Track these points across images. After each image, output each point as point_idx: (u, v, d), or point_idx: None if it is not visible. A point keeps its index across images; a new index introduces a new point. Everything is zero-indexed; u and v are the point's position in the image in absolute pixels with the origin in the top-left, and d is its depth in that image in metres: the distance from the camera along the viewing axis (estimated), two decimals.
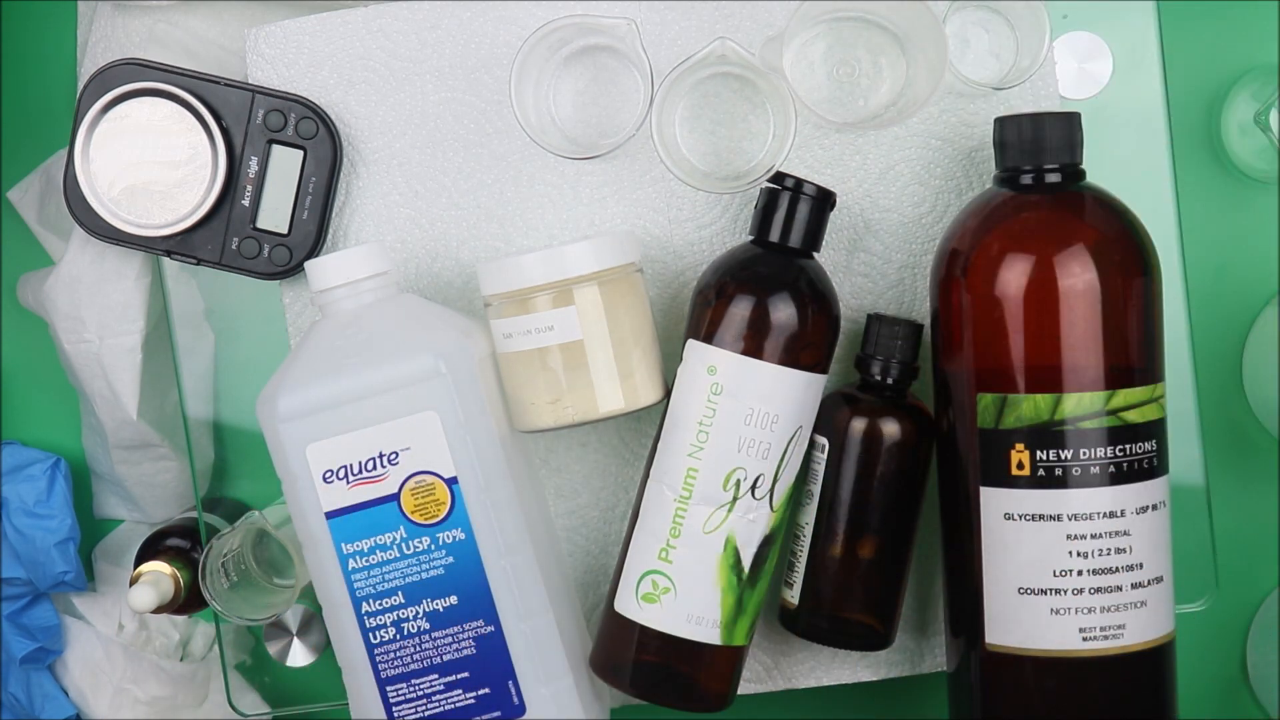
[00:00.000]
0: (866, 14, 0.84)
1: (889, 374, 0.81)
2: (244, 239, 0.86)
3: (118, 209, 0.85)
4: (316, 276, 0.80)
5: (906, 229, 0.86)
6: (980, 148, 0.85)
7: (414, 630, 0.78)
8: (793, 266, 0.79)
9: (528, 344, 0.78)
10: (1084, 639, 0.75)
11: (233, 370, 0.91)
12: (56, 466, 0.98)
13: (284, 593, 0.87)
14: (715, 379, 0.77)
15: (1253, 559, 0.97)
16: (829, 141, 0.86)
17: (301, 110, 0.86)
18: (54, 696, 0.99)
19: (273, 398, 0.77)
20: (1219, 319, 0.96)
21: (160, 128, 0.85)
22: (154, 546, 0.93)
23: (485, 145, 0.87)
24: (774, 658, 0.88)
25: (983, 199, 0.79)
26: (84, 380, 0.93)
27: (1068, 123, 0.78)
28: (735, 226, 0.86)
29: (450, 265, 0.88)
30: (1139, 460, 0.75)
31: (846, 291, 0.86)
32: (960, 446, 0.78)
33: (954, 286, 0.78)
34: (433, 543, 0.78)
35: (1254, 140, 0.94)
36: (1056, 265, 0.75)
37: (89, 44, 0.92)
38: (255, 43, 0.88)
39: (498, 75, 0.87)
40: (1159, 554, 0.76)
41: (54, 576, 0.96)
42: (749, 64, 0.80)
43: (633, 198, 0.87)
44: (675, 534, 0.78)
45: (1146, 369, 0.76)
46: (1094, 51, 0.86)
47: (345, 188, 0.88)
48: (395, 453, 0.77)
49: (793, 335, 0.77)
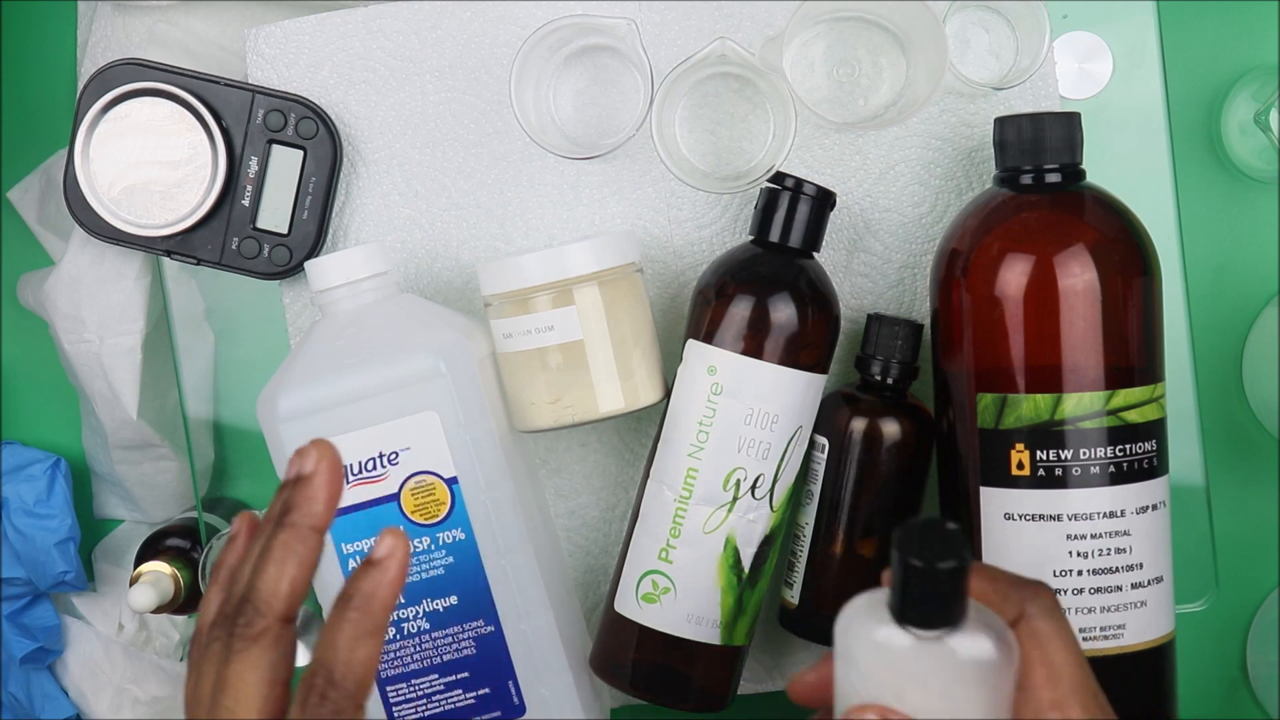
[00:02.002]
0: (866, 14, 0.84)
1: (889, 374, 0.81)
2: (244, 239, 0.86)
3: (118, 209, 0.85)
4: (316, 276, 0.80)
5: (906, 229, 0.86)
6: (980, 148, 0.85)
7: (414, 630, 0.78)
8: (793, 266, 0.79)
9: (528, 344, 0.78)
10: (1084, 639, 0.75)
11: (233, 370, 0.91)
12: (56, 466, 0.98)
13: None
14: (715, 379, 0.77)
15: (1253, 559, 0.97)
16: (829, 141, 0.86)
17: (301, 110, 0.86)
18: (54, 696, 0.99)
19: (273, 398, 0.77)
20: (1219, 319, 0.96)
21: (160, 128, 0.85)
22: (154, 546, 0.93)
23: (485, 145, 0.87)
24: (774, 658, 0.88)
25: (983, 199, 0.79)
26: (84, 380, 0.93)
27: (1068, 123, 0.78)
28: (735, 226, 0.86)
29: (450, 265, 0.88)
30: (1139, 460, 0.75)
31: (846, 291, 0.86)
32: (960, 446, 0.78)
33: (954, 286, 0.78)
34: (433, 543, 0.78)
35: (1254, 140, 0.94)
36: (1056, 265, 0.75)
37: (89, 44, 0.92)
38: (255, 43, 0.88)
39: (498, 75, 0.87)
40: (1159, 554, 0.76)
41: (54, 576, 0.96)
42: (749, 64, 0.80)
43: (633, 198, 0.87)
44: (675, 534, 0.78)
45: (1146, 369, 0.76)
46: (1094, 51, 0.86)
47: (345, 188, 0.88)
48: (395, 453, 0.77)
49: (793, 335, 0.77)
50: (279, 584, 0.59)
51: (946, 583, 0.57)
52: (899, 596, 0.58)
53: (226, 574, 0.62)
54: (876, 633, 0.59)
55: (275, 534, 0.60)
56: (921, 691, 0.59)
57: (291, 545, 0.59)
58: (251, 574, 0.59)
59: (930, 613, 0.58)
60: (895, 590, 0.58)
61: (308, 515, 0.60)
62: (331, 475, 0.60)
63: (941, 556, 0.56)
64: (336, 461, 0.61)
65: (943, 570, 0.56)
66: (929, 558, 0.56)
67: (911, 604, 0.58)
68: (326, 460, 0.60)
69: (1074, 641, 0.64)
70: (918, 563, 0.56)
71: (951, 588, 0.57)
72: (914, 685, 0.59)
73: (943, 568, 0.56)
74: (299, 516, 0.60)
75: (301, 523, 0.60)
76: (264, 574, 0.59)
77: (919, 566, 0.56)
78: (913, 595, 0.57)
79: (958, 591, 0.57)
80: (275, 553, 0.59)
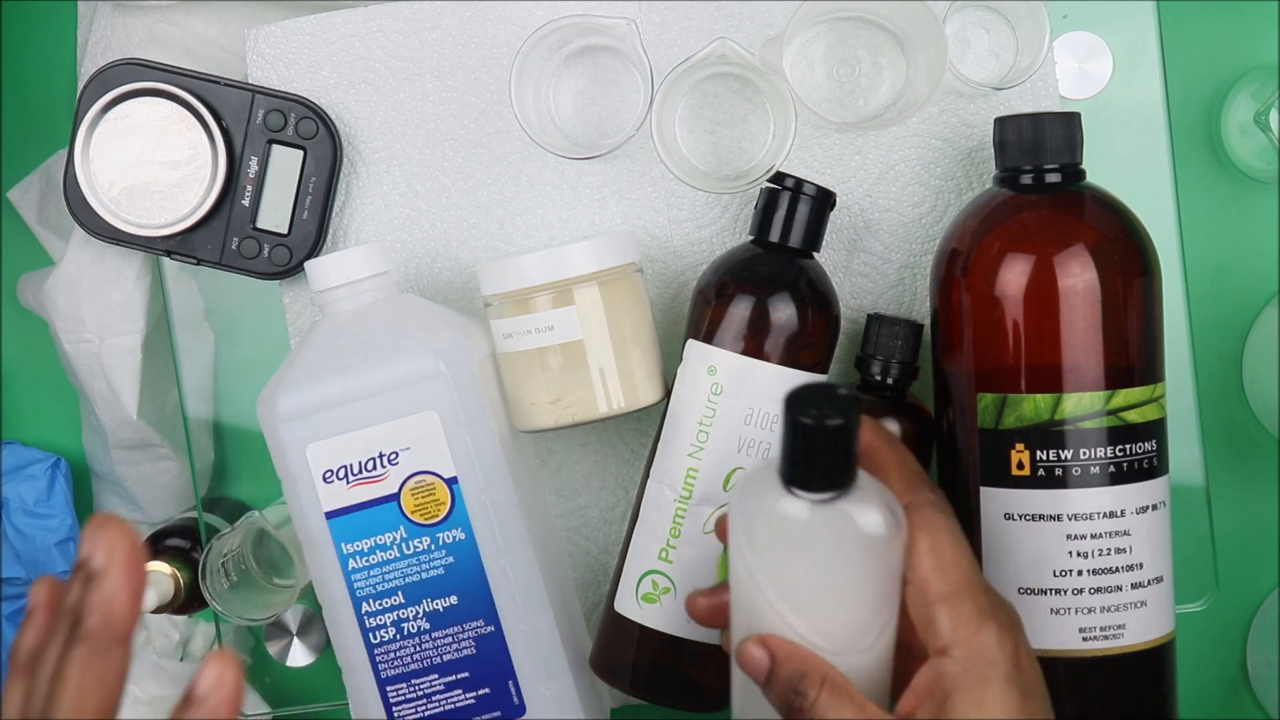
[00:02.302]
0: (866, 14, 0.84)
1: (889, 374, 0.81)
2: (244, 239, 0.86)
3: (118, 209, 0.85)
4: (316, 276, 0.80)
5: (906, 229, 0.86)
6: (980, 148, 0.85)
7: (414, 630, 0.78)
8: (793, 266, 0.79)
9: (528, 344, 0.78)
10: (1084, 639, 0.75)
11: (233, 370, 0.91)
12: (56, 466, 0.98)
13: (284, 593, 0.87)
14: (715, 379, 0.77)
15: (1253, 559, 0.97)
16: (829, 141, 0.86)
17: (301, 110, 0.86)
18: None
19: (273, 398, 0.77)
20: (1219, 319, 0.96)
21: (160, 128, 0.85)
22: (154, 546, 0.93)
23: (485, 145, 0.87)
24: None
25: (983, 199, 0.79)
26: (84, 380, 0.93)
27: (1068, 123, 0.78)
28: (735, 226, 0.86)
29: (450, 265, 0.88)
30: (1139, 460, 0.75)
31: (846, 291, 0.86)
32: (960, 446, 0.78)
33: (954, 286, 0.78)
34: (433, 543, 0.78)
35: (1254, 140, 0.94)
36: (1056, 265, 0.75)
37: (89, 44, 0.92)
38: (255, 43, 0.88)
39: (498, 75, 0.87)
40: (1159, 554, 0.76)
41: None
42: (749, 64, 0.80)
43: (633, 198, 0.87)
44: (675, 534, 0.78)
45: (1146, 369, 0.76)
46: (1094, 51, 0.86)
47: (345, 188, 0.88)
48: (395, 453, 0.77)
49: (793, 335, 0.77)
50: (80, 712, 0.50)
51: (834, 441, 0.56)
52: (788, 457, 0.57)
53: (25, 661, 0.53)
54: (766, 499, 0.58)
55: (70, 649, 0.50)
56: (809, 560, 0.59)
57: (91, 663, 0.50)
58: (46, 699, 0.51)
59: (818, 473, 0.57)
60: (784, 452, 0.57)
61: (105, 624, 0.50)
62: (128, 571, 0.50)
63: (830, 416, 0.56)
64: (134, 549, 0.50)
65: (830, 427, 0.55)
66: (818, 416, 0.55)
67: (799, 464, 0.57)
68: (121, 551, 0.50)
69: (963, 537, 0.64)
70: (807, 420, 0.55)
71: (839, 447, 0.56)
72: (802, 554, 0.59)
73: (831, 425, 0.55)
74: (95, 626, 0.50)
75: (98, 634, 0.50)
76: (59, 702, 0.50)
77: (807, 424, 0.55)
78: (800, 454, 0.57)
79: (846, 452, 0.57)
80: (72, 675, 0.50)
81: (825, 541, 0.59)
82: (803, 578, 0.60)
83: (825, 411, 0.55)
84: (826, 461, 0.57)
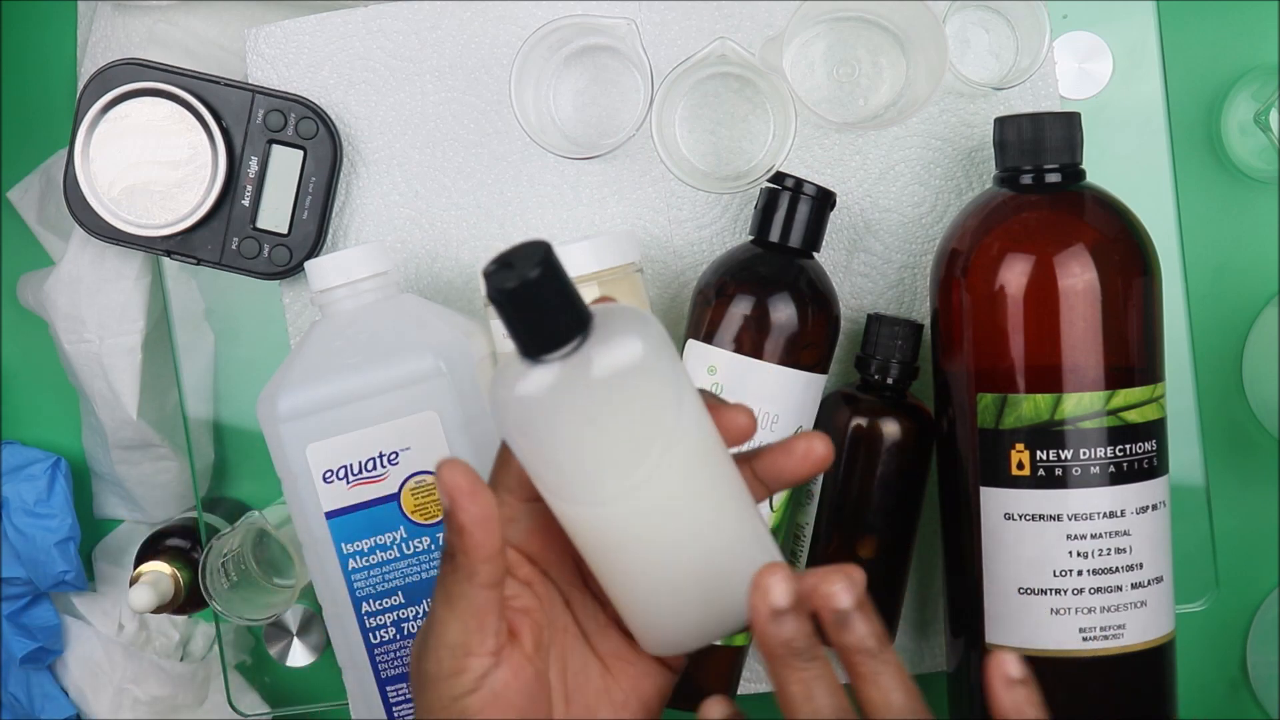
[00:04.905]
0: (866, 14, 0.84)
1: (889, 374, 0.81)
2: (244, 239, 0.86)
3: (118, 209, 0.85)
4: (316, 276, 0.80)
5: (906, 229, 0.86)
6: (980, 148, 0.85)
7: (414, 630, 0.78)
8: (793, 266, 0.79)
9: None
10: (1084, 639, 0.75)
11: (233, 370, 0.91)
12: (56, 466, 0.98)
13: (284, 593, 0.87)
14: (715, 379, 0.77)
15: (1253, 559, 0.97)
16: (829, 141, 0.86)
17: (301, 110, 0.86)
18: (54, 696, 0.99)
19: (273, 398, 0.77)
20: (1219, 319, 0.96)
21: (160, 128, 0.85)
22: (154, 546, 0.93)
23: (485, 145, 0.87)
24: None
25: (983, 199, 0.79)
26: (84, 380, 0.93)
27: (1068, 123, 0.78)
28: (735, 226, 0.86)
29: (450, 265, 0.88)
30: (1139, 460, 0.75)
31: (846, 291, 0.86)
32: (960, 446, 0.78)
33: (954, 286, 0.78)
34: (433, 543, 0.78)
35: (1254, 140, 0.94)
36: (1056, 265, 0.75)
37: (89, 44, 0.92)
38: (255, 43, 0.88)
39: (498, 75, 0.87)
40: (1159, 554, 0.76)
41: (54, 576, 0.96)
42: (749, 64, 0.80)
43: (633, 198, 0.87)
44: None
45: (1146, 369, 0.76)
46: (1094, 51, 0.86)
47: (345, 188, 0.88)
48: (395, 453, 0.77)
49: (793, 335, 0.77)
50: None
51: (546, 290, 0.55)
52: (513, 331, 0.56)
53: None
54: (517, 386, 0.56)
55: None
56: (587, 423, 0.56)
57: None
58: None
59: (547, 329, 0.56)
60: (510, 330, 0.56)
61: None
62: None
63: (530, 268, 0.54)
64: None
65: (533, 278, 0.54)
66: (520, 275, 0.54)
67: (527, 331, 0.56)
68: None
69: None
70: (511, 284, 0.54)
71: (554, 293, 0.55)
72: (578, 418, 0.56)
73: (534, 275, 0.54)
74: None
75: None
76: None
77: (513, 286, 0.54)
78: (522, 320, 0.55)
79: (563, 296, 0.55)
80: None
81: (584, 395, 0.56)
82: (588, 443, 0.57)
83: (525, 268, 0.55)
84: (549, 313, 0.55)
